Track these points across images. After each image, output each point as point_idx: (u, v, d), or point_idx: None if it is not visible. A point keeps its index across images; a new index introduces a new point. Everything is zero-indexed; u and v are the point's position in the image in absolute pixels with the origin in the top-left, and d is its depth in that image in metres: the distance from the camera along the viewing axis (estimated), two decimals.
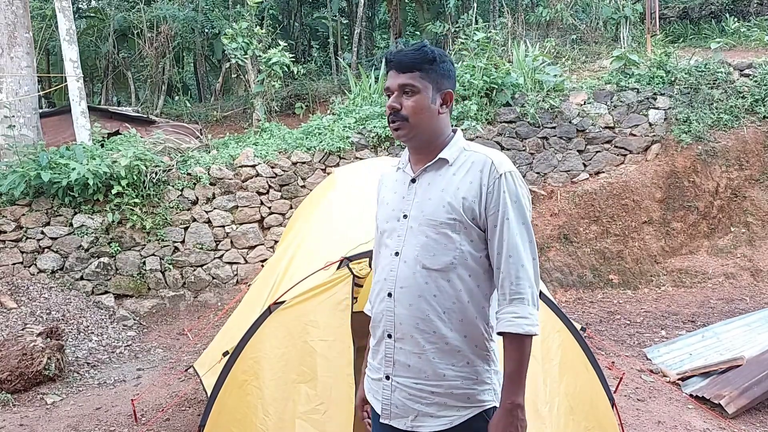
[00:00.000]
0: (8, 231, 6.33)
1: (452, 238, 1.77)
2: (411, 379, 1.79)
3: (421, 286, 1.77)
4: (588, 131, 7.34)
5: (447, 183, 1.80)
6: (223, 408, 2.82)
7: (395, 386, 1.82)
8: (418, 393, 1.79)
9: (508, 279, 1.73)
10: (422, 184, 1.85)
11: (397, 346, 1.81)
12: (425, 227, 1.79)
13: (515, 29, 9.99)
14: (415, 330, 1.78)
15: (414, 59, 1.80)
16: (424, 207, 1.81)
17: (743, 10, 11.13)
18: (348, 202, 3.58)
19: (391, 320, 1.82)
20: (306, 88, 10.13)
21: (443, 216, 1.77)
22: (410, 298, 1.78)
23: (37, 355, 4.68)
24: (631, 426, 3.82)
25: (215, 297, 6.64)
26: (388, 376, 1.83)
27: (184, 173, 6.76)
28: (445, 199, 1.78)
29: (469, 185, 1.77)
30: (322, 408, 2.64)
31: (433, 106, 1.83)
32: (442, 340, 1.77)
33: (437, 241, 1.77)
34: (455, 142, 1.87)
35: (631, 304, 6.30)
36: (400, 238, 1.83)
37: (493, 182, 1.75)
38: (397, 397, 1.81)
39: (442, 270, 1.77)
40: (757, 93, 7.30)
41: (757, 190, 7.07)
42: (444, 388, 1.77)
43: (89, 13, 12.76)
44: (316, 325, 2.75)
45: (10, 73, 7.02)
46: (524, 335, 1.70)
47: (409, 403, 1.79)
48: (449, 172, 1.82)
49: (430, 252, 1.77)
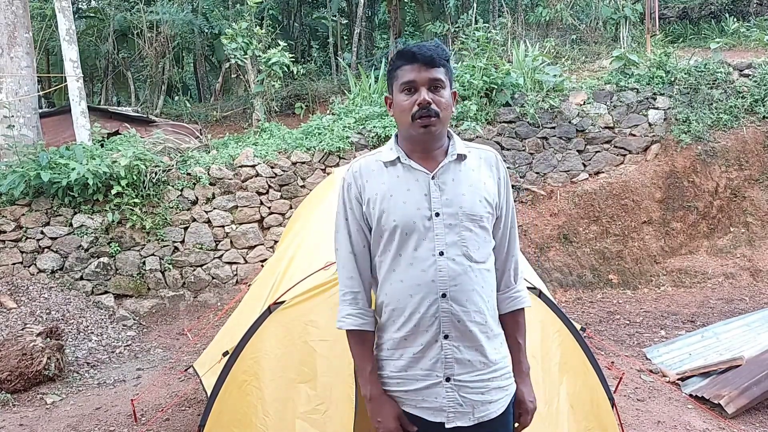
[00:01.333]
0: (8, 231, 6.34)
1: (488, 229, 1.86)
2: (471, 373, 1.82)
3: (473, 280, 1.81)
4: (588, 131, 7.34)
5: (472, 178, 1.85)
6: (223, 408, 2.82)
7: (459, 385, 1.81)
8: (479, 385, 1.82)
9: (516, 262, 1.96)
10: (446, 180, 1.83)
11: (454, 346, 1.80)
12: (467, 222, 1.81)
13: (515, 29, 9.99)
14: (473, 324, 1.81)
15: (440, 55, 1.81)
16: (461, 203, 1.81)
17: (743, 10, 11.13)
18: None
19: (447, 320, 1.79)
20: (306, 88, 10.13)
21: (482, 210, 1.83)
22: (465, 293, 1.80)
23: (37, 355, 4.68)
24: (631, 426, 3.82)
25: (215, 297, 6.65)
26: (449, 378, 1.80)
27: (184, 173, 6.76)
28: (479, 193, 1.84)
29: (490, 179, 1.88)
30: (322, 408, 2.63)
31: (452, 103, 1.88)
32: (489, 329, 1.85)
33: (479, 235, 1.83)
34: (458, 139, 1.91)
35: (630, 304, 6.30)
36: (439, 237, 1.78)
37: (504, 176, 1.91)
38: (462, 395, 1.81)
39: (485, 261, 1.85)
40: (756, 93, 7.30)
41: (757, 190, 7.08)
42: (497, 372, 1.85)
43: (89, 13, 12.75)
44: (316, 325, 2.75)
45: (10, 73, 7.02)
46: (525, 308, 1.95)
47: (472, 397, 1.81)
48: (468, 168, 1.86)
49: (475, 246, 1.82)
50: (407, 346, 1.83)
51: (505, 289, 1.93)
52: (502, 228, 1.92)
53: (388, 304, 1.85)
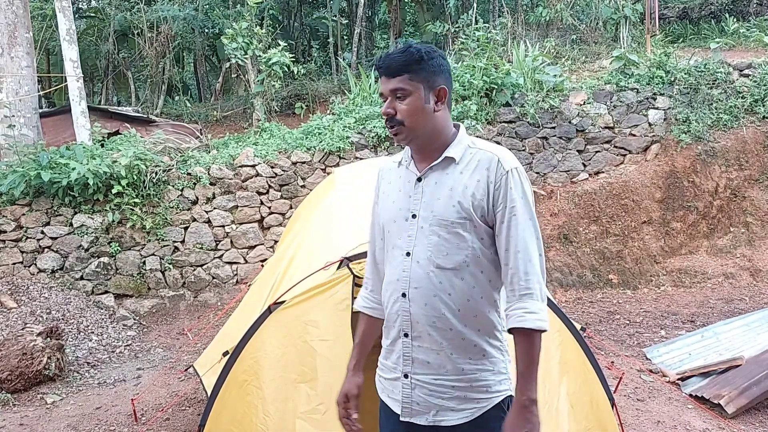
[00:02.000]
0: (8, 231, 6.34)
1: (464, 236, 1.78)
2: (431, 375, 1.82)
3: (435, 285, 1.79)
4: (588, 131, 7.34)
5: (455, 182, 1.81)
6: (223, 408, 2.82)
7: (415, 383, 1.84)
8: (438, 388, 1.81)
9: (517, 275, 1.76)
10: (429, 183, 1.84)
11: (414, 345, 1.83)
12: (436, 227, 1.80)
13: (515, 29, 9.99)
14: (432, 328, 1.80)
15: (401, 62, 1.79)
16: (434, 207, 1.81)
17: (743, 10, 11.13)
18: (348, 202, 3.59)
19: (407, 320, 1.83)
20: (306, 88, 10.13)
21: (454, 215, 1.78)
22: (425, 297, 1.80)
23: (37, 354, 4.68)
24: (631, 426, 3.83)
25: (215, 297, 6.65)
26: (407, 375, 1.85)
27: (184, 173, 6.76)
28: (454, 198, 1.79)
29: (477, 183, 1.78)
30: (323, 408, 2.64)
31: (427, 105, 1.82)
32: (458, 336, 1.79)
33: (449, 240, 1.78)
34: (460, 140, 1.86)
35: (630, 304, 6.30)
36: (411, 239, 1.83)
37: (500, 179, 1.77)
38: (418, 394, 1.83)
39: (455, 269, 1.79)
40: (756, 93, 7.30)
41: (757, 190, 7.08)
42: (464, 381, 1.80)
43: (89, 13, 12.76)
44: (316, 325, 2.75)
45: (10, 73, 7.02)
46: (535, 330, 1.73)
47: (430, 399, 1.82)
48: (456, 171, 1.82)
49: (443, 251, 1.79)
50: (385, 338, 1.95)
51: (507, 303, 1.81)
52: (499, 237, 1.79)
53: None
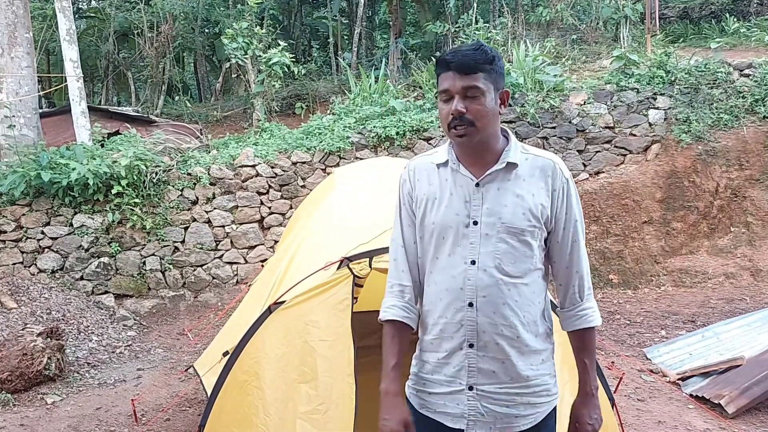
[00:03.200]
0: (8, 231, 6.34)
1: (530, 244, 1.78)
2: (496, 385, 1.79)
3: (504, 293, 1.76)
4: (588, 131, 7.34)
5: (521, 189, 1.77)
6: (223, 408, 2.82)
7: (481, 395, 1.80)
8: (504, 397, 1.80)
9: (582, 277, 1.86)
10: (490, 189, 1.78)
11: (480, 355, 1.78)
12: (504, 234, 1.75)
13: (515, 29, 9.98)
14: (500, 337, 1.77)
15: (477, 60, 1.73)
16: (501, 214, 1.76)
17: (743, 10, 11.12)
18: (348, 202, 3.59)
19: (472, 330, 1.77)
20: (306, 88, 10.13)
21: (524, 223, 1.75)
22: (494, 306, 1.76)
23: (38, 355, 4.68)
24: (631, 426, 3.82)
25: (215, 297, 6.65)
26: (472, 387, 1.80)
27: (184, 173, 6.76)
28: (523, 206, 1.76)
29: (540, 190, 1.78)
30: (323, 408, 2.64)
31: (495, 108, 1.77)
32: (522, 344, 1.79)
33: (517, 248, 1.76)
34: (515, 145, 1.82)
35: (631, 304, 6.30)
36: (474, 246, 1.77)
37: (561, 186, 1.80)
38: (484, 405, 1.80)
39: (521, 275, 1.78)
40: (757, 93, 7.29)
41: (758, 190, 7.07)
42: (528, 387, 1.81)
43: (89, 13, 12.76)
44: (316, 325, 2.75)
45: (11, 73, 7.02)
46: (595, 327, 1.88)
47: (495, 408, 1.80)
48: (519, 177, 1.78)
49: (511, 259, 1.76)
50: (434, 351, 1.85)
51: (570, 306, 1.88)
52: (561, 242, 1.82)
53: (425, 306, 1.88)
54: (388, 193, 3.50)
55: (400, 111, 7.43)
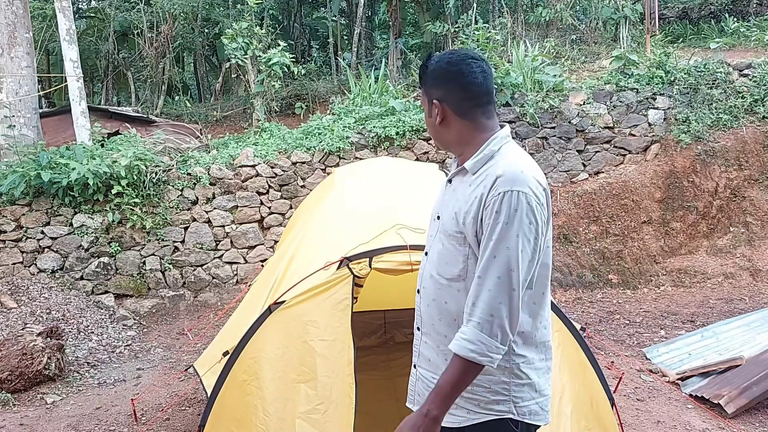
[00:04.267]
0: (8, 231, 6.34)
1: (458, 250, 1.76)
2: (430, 372, 1.85)
3: (436, 290, 1.82)
4: (587, 131, 7.34)
5: (461, 193, 1.78)
6: (223, 408, 2.83)
7: (419, 376, 1.90)
8: (432, 385, 1.80)
9: (471, 300, 1.68)
10: (451, 189, 1.85)
11: (422, 340, 1.89)
12: (441, 235, 1.83)
13: (515, 29, 9.99)
14: (432, 329, 1.84)
15: (419, 76, 1.81)
16: (443, 214, 1.83)
17: (743, 10, 11.12)
18: (348, 202, 3.59)
19: (418, 314, 1.90)
20: (306, 88, 10.13)
21: (452, 227, 1.77)
22: (427, 299, 1.85)
23: (37, 354, 4.69)
24: (631, 426, 3.83)
25: (215, 297, 6.65)
26: (415, 365, 1.92)
27: (184, 173, 6.76)
28: (455, 210, 1.77)
29: (474, 199, 1.72)
30: (322, 408, 2.64)
31: (430, 119, 1.80)
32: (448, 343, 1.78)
33: (449, 251, 1.78)
34: (483, 150, 1.77)
35: (630, 304, 6.30)
36: (431, 239, 1.89)
37: (491, 199, 1.66)
38: (420, 386, 1.89)
39: (452, 279, 1.78)
40: (756, 93, 7.30)
41: (757, 190, 7.08)
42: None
43: (89, 13, 12.76)
44: (316, 325, 2.75)
45: (10, 73, 7.02)
46: (459, 356, 1.65)
47: (426, 394, 1.80)
48: (467, 183, 1.78)
49: (443, 261, 1.80)
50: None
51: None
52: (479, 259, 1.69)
53: None
54: (387, 193, 3.50)
55: (400, 111, 7.43)
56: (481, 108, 1.80)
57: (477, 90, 1.78)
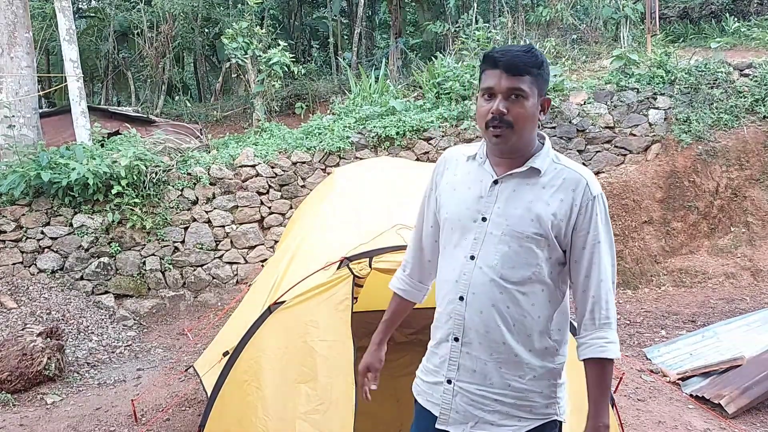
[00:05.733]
0: (8, 231, 6.33)
1: (535, 253, 1.72)
2: (475, 384, 1.76)
3: (495, 295, 1.73)
4: (588, 131, 7.34)
5: (536, 195, 1.73)
6: (223, 408, 2.82)
7: (457, 391, 1.78)
8: (481, 399, 1.76)
9: (599, 303, 1.72)
10: (506, 189, 1.76)
11: (463, 351, 1.77)
12: (508, 237, 1.72)
13: (515, 29, 9.98)
14: (484, 337, 1.74)
15: (526, 62, 1.69)
16: (508, 216, 1.74)
17: (743, 10, 11.11)
18: (348, 202, 3.58)
19: (459, 324, 1.77)
20: (306, 88, 10.13)
21: (530, 229, 1.71)
22: (482, 305, 1.74)
23: (37, 355, 4.68)
24: (631, 426, 3.82)
25: (215, 297, 6.64)
26: (450, 380, 1.79)
27: (184, 173, 6.76)
28: (533, 212, 1.71)
29: (560, 203, 1.71)
30: (322, 408, 2.64)
31: (535, 113, 1.74)
32: (509, 352, 1.74)
33: (519, 253, 1.72)
34: (546, 152, 1.77)
35: (631, 304, 6.30)
36: (477, 242, 1.76)
37: (586, 203, 1.71)
38: (459, 403, 1.78)
39: (519, 283, 1.73)
40: (757, 93, 7.29)
41: (758, 189, 7.07)
42: (509, 397, 1.75)
43: (89, 13, 12.76)
44: (316, 325, 2.75)
45: (10, 73, 7.02)
46: (611, 360, 1.73)
47: (470, 409, 1.76)
48: (539, 184, 1.74)
49: (510, 263, 1.72)
50: (431, 339, 1.89)
51: (582, 333, 1.76)
52: (578, 262, 1.73)
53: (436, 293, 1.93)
54: (387, 193, 3.50)
55: (400, 111, 7.43)
56: None
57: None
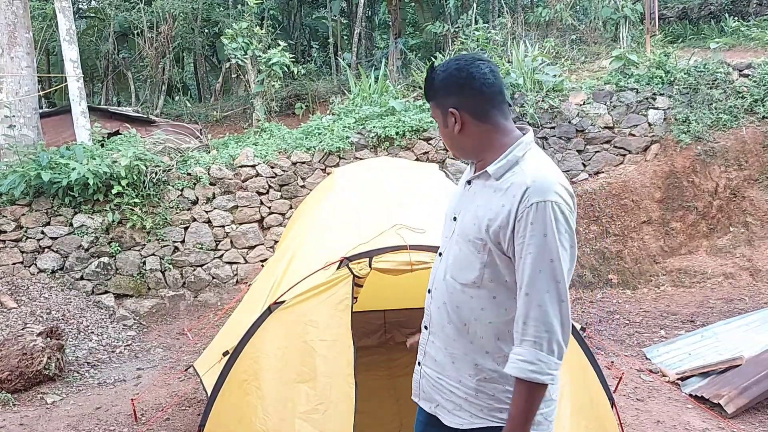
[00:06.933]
0: (8, 231, 6.34)
1: (477, 257, 1.72)
2: (435, 371, 1.87)
3: (447, 294, 1.82)
4: (587, 131, 7.35)
5: (486, 200, 1.73)
6: (223, 408, 2.83)
7: (423, 374, 1.91)
8: (438, 385, 1.86)
9: (521, 318, 1.63)
10: (472, 191, 1.83)
11: (429, 339, 1.89)
12: (459, 238, 1.80)
13: (515, 29, 9.99)
14: (441, 331, 1.84)
15: (426, 91, 1.80)
16: (463, 217, 1.80)
17: (742, 10, 11.11)
18: (348, 202, 3.59)
19: (427, 314, 1.91)
20: (306, 88, 10.14)
21: (472, 233, 1.74)
22: (438, 301, 1.85)
23: (37, 354, 4.69)
24: (631, 426, 3.83)
25: (215, 297, 6.65)
26: (420, 363, 1.94)
27: (184, 173, 6.77)
28: (477, 215, 1.73)
29: (501, 208, 1.67)
30: (322, 408, 2.64)
31: (447, 130, 1.76)
32: (460, 349, 1.79)
33: (467, 256, 1.76)
34: (507, 155, 1.72)
35: (630, 304, 6.30)
36: (446, 240, 1.89)
37: (523, 211, 1.61)
38: (424, 384, 1.91)
39: (466, 285, 1.76)
40: (756, 93, 7.30)
41: (756, 190, 7.08)
42: (460, 391, 1.81)
43: (89, 13, 12.77)
44: (316, 325, 2.75)
45: (11, 73, 7.02)
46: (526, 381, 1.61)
47: (431, 393, 1.88)
48: (490, 189, 1.74)
49: (459, 265, 1.78)
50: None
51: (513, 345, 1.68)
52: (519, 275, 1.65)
53: None
54: (387, 194, 3.50)
55: (400, 111, 7.43)
56: (497, 108, 1.76)
57: (490, 90, 1.73)
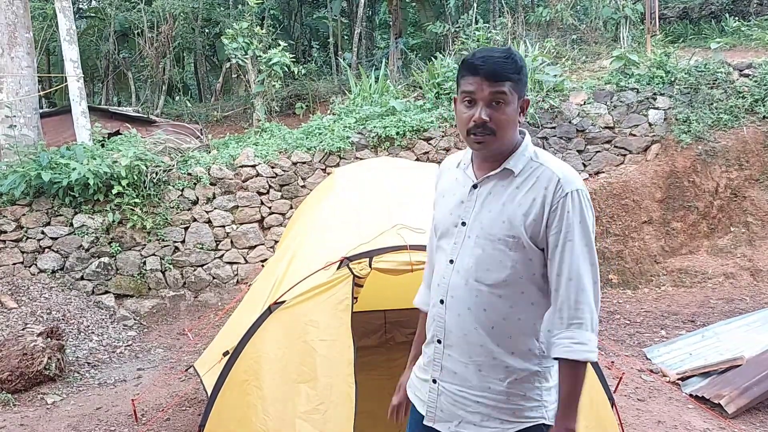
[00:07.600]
0: (8, 231, 6.34)
1: (509, 255, 1.71)
2: (456, 385, 1.79)
3: (471, 299, 1.75)
4: (588, 131, 7.34)
5: (509, 197, 1.72)
6: (223, 408, 2.83)
7: (441, 390, 1.82)
8: (462, 400, 1.78)
9: (567, 303, 1.68)
10: (483, 192, 1.78)
11: (445, 353, 1.81)
12: (482, 240, 1.73)
13: (515, 29, 9.99)
14: (463, 340, 1.77)
15: (507, 68, 1.68)
16: (482, 219, 1.75)
17: (743, 10, 11.11)
18: (348, 202, 3.59)
19: (441, 326, 1.81)
20: (306, 88, 10.14)
21: (501, 232, 1.71)
22: (460, 308, 1.76)
23: (38, 355, 4.69)
24: (631, 426, 3.82)
25: (215, 297, 6.65)
26: (435, 380, 1.83)
27: (185, 173, 6.76)
28: (505, 213, 1.71)
29: (532, 202, 1.69)
30: (322, 408, 2.64)
31: (516, 116, 1.73)
32: (488, 354, 1.75)
33: (493, 256, 1.72)
34: (522, 151, 1.76)
35: (630, 304, 6.30)
36: (456, 246, 1.79)
37: (558, 201, 1.67)
38: (443, 402, 1.81)
39: (494, 285, 1.73)
40: (756, 93, 7.30)
41: (757, 189, 7.07)
42: (489, 399, 1.76)
43: (89, 13, 12.77)
44: (316, 325, 2.75)
45: (11, 73, 7.02)
46: (581, 362, 1.67)
47: (453, 409, 1.79)
48: (512, 185, 1.73)
49: (484, 266, 1.73)
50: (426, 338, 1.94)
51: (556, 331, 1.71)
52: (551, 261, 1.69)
53: None
54: (387, 194, 3.50)
55: (400, 111, 7.43)
56: None
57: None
